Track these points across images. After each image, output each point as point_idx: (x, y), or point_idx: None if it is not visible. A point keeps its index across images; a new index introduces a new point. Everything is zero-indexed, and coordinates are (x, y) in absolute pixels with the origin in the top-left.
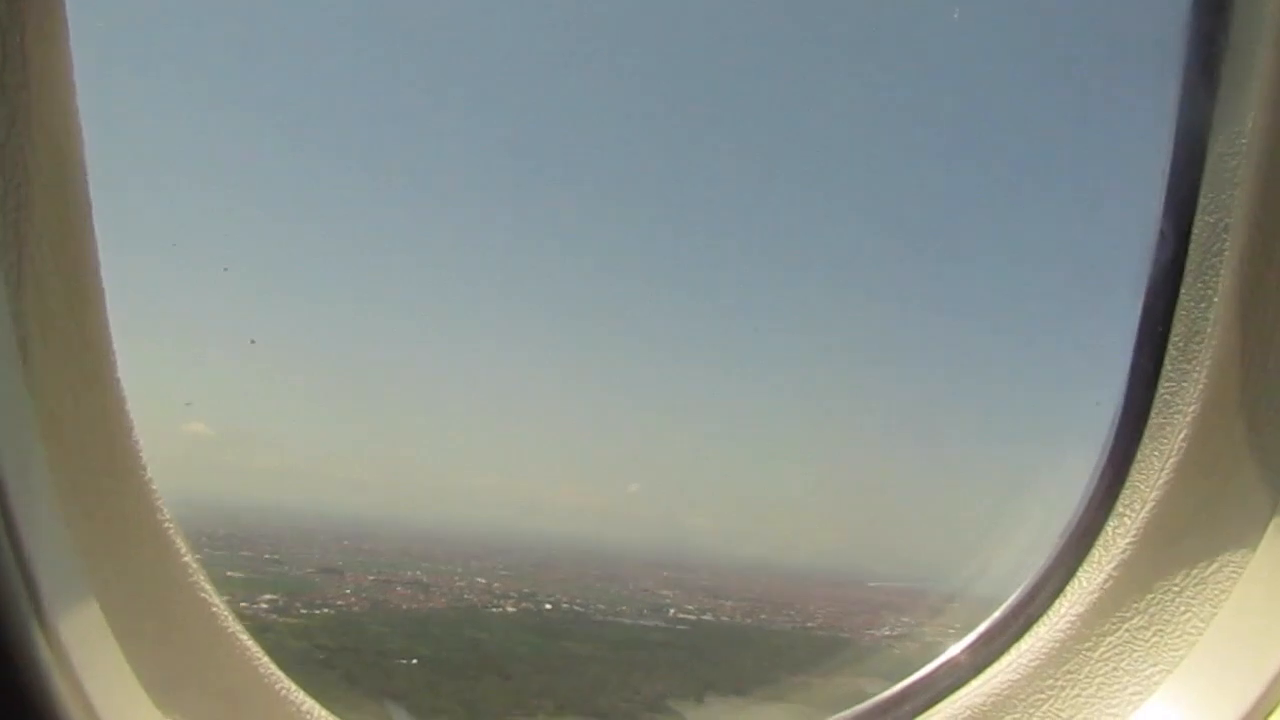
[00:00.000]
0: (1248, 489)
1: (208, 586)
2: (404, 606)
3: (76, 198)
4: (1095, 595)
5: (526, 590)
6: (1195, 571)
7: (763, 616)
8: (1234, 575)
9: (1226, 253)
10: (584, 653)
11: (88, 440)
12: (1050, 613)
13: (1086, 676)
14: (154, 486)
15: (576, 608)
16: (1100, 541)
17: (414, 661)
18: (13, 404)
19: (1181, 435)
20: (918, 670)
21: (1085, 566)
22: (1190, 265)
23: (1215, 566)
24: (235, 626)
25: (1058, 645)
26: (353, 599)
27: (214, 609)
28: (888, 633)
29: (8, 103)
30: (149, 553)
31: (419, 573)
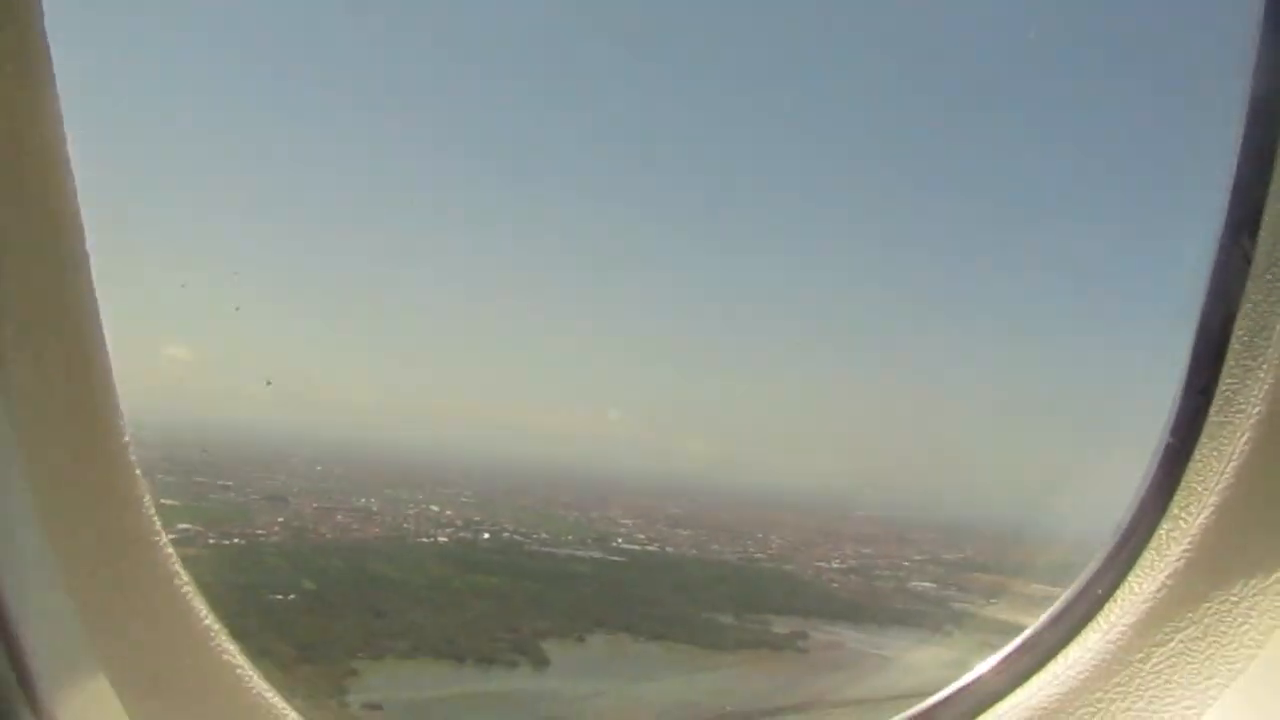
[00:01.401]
0: None
1: (197, 598)
2: (328, 536)
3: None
4: (1147, 603)
5: (476, 519)
6: (1255, 582)
7: (714, 548)
8: None
9: None
10: (487, 586)
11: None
12: (1099, 619)
13: (1137, 690)
14: (147, 501)
15: (517, 537)
16: (1153, 545)
17: (291, 597)
18: None
19: (1244, 437)
20: (954, 675)
21: (1136, 571)
22: (1259, 255)
23: (1276, 578)
24: (219, 634)
25: (1107, 656)
26: (275, 528)
27: (197, 612)
28: (836, 565)
29: None
30: (134, 558)
31: (371, 500)
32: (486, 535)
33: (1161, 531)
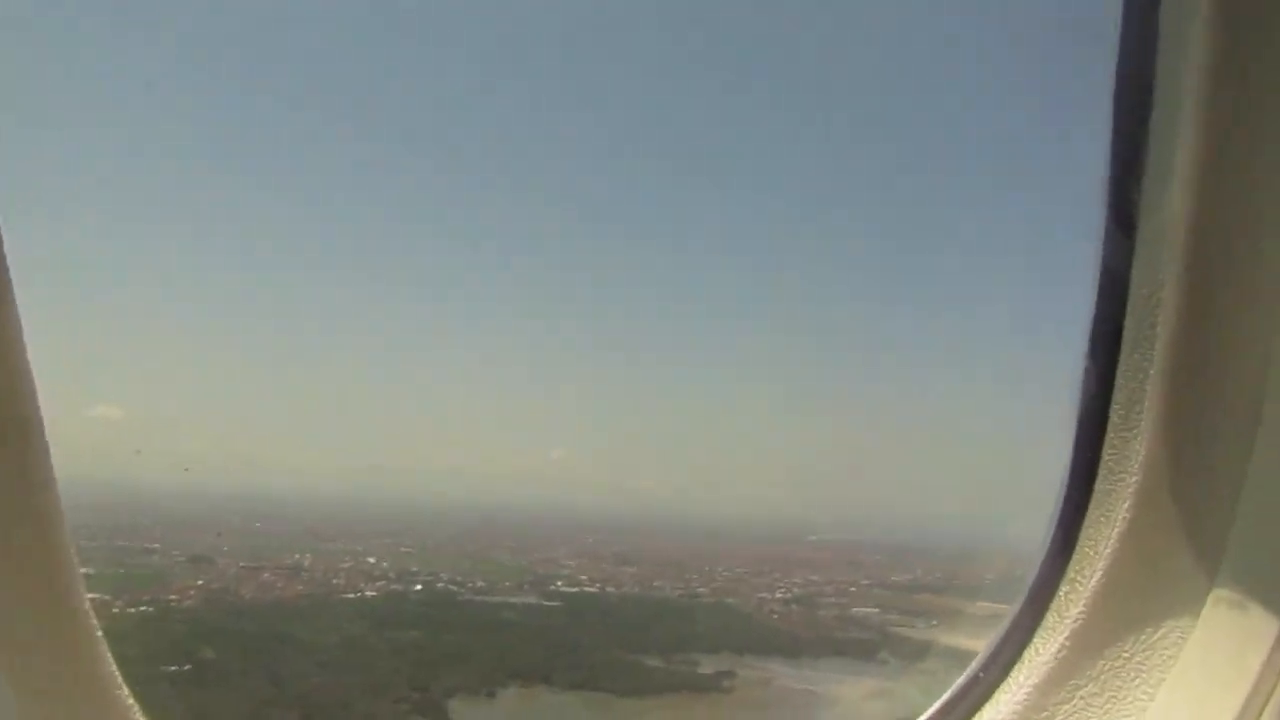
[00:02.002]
0: (1189, 557)
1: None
2: (247, 597)
3: None
4: (1050, 664)
5: (412, 570)
6: (1143, 638)
7: (657, 584)
8: (1179, 641)
9: (1160, 325)
10: (405, 642)
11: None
12: (1008, 682)
13: None
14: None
15: (451, 587)
16: (1054, 608)
17: (185, 667)
18: None
19: (1125, 504)
20: None
21: (1040, 634)
22: (1127, 335)
23: (1161, 633)
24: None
25: (1016, 718)
26: (192, 592)
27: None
28: (779, 595)
29: None
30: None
31: (305, 556)
32: (419, 587)
33: (1060, 594)
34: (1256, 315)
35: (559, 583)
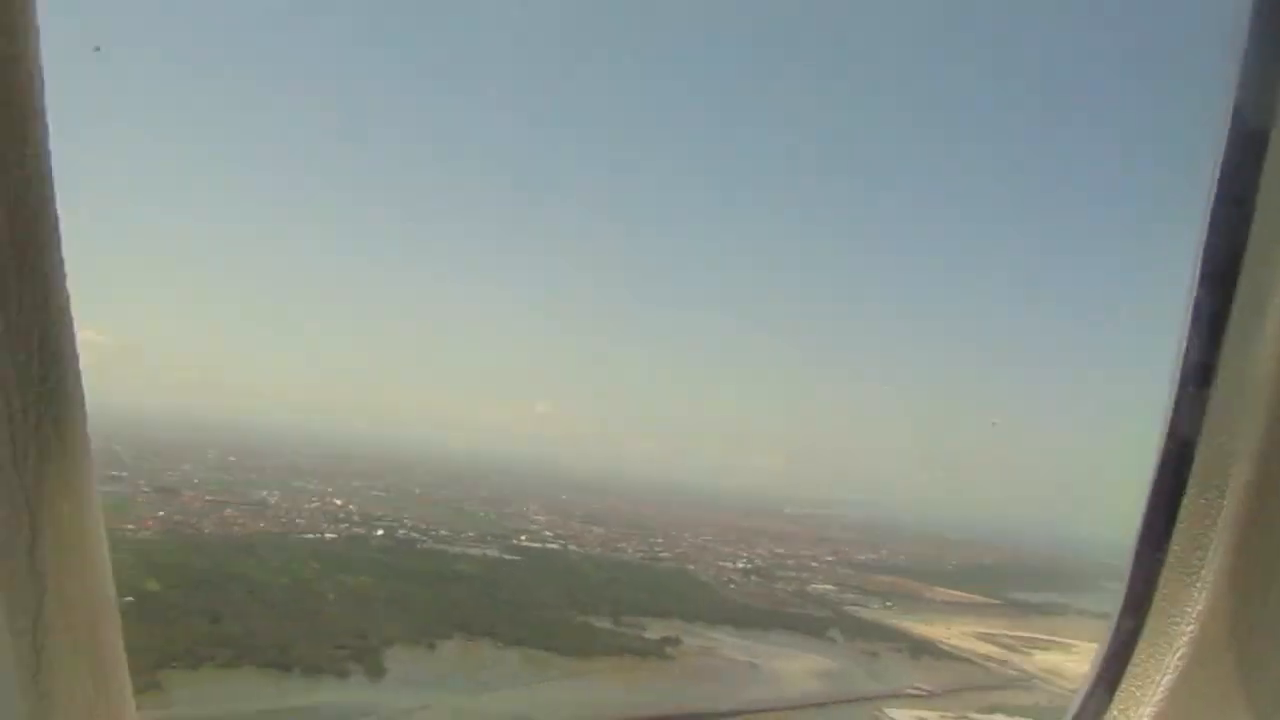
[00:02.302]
0: (1240, 716)
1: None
2: (206, 531)
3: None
4: None
5: (378, 515)
6: None
7: (620, 546)
8: None
9: (1231, 477)
10: (354, 587)
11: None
12: None
13: None
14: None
15: (413, 534)
16: None
17: (127, 599)
18: None
19: (1179, 653)
20: None
21: None
22: (1194, 480)
23: None
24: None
25: None
26: (151, 523)
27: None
28: (742, 565)
29: None
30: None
31: (273, 493)
32: (380, 532)
33: None
34: None
35: (523, 537)
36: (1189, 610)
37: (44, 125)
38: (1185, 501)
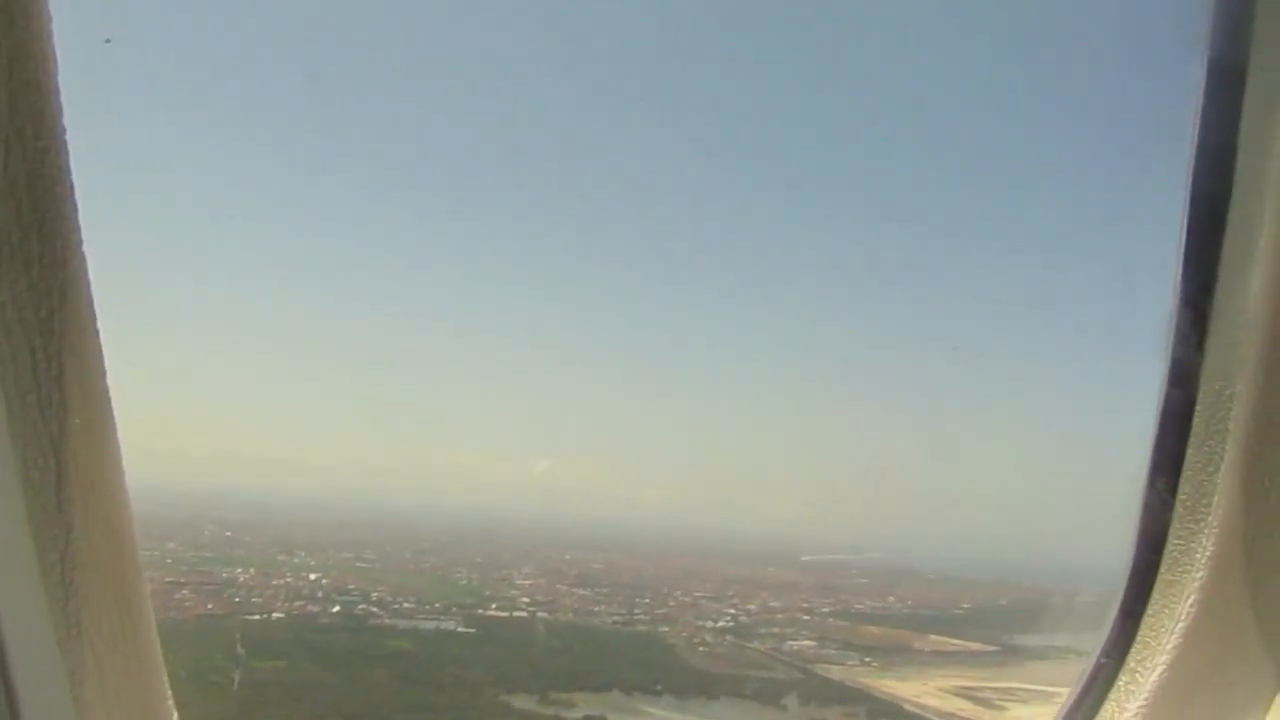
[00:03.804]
0: (1255, 660)
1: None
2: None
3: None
4: None
5: (347, 588)
6: None
7: (596, 610)
8: None
9: (1232, 420)
10: (255, 672)
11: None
12: None
13: None
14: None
15: (374, 609)
16: (1112, 697)
17: None
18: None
19: (1190, 599)
20: None
21: None
22: (1196, 427)
23: None
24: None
25: None
26: None
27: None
28: (721, 624)
29: None
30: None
31: (246, 571)
32: (336, 609)
33: (1120, 684)
34: None
35: (494, 606)
36: (1199, 557)
37: (57, 92)
38: (1189, 451)
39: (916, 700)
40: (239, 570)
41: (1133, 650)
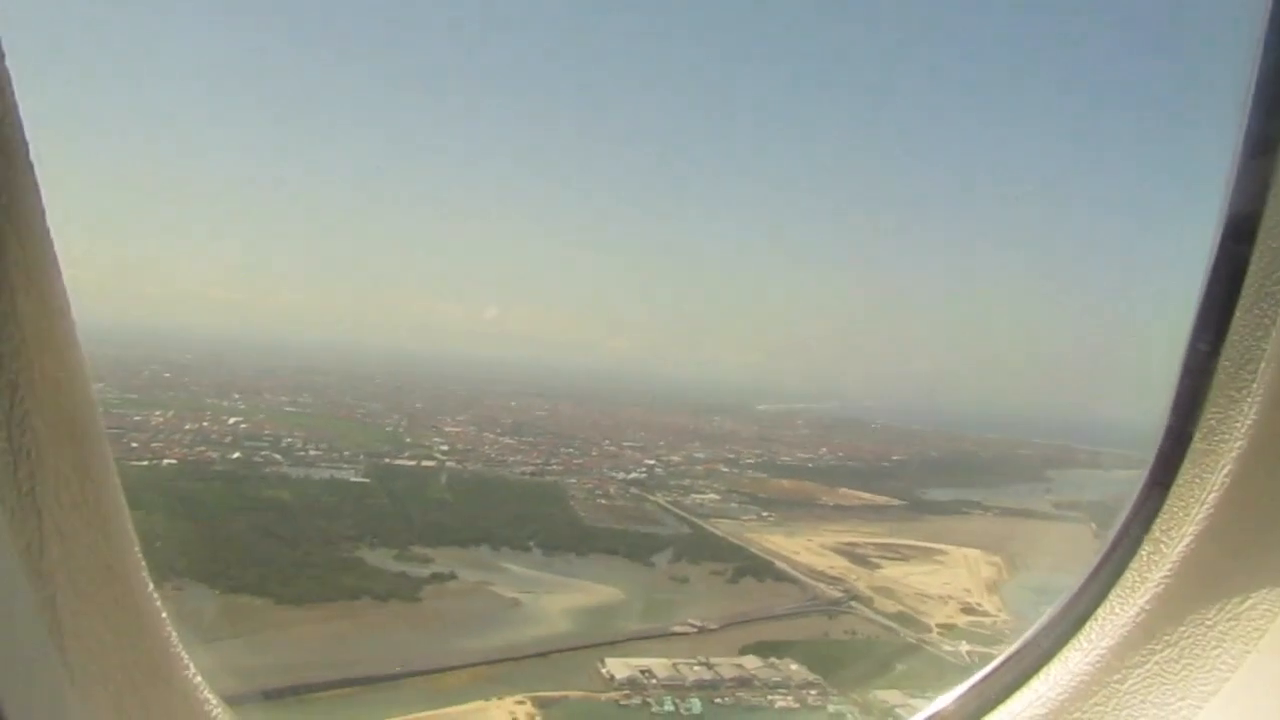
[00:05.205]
0: None
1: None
2: None
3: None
4: (1126, 626)
5: (261, 434)
6: (1230, 607)
7: (514, 458)
8: (1269, 614)
9: None
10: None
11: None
12: (1079, 639)
13: (1114, 710)
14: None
15: (275, 456)
16: (1134, 566)
17: None
18: None
19: (1226, 469)
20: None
21: (1117, 592)
22: (1247, 290)
23: (1250, 603)
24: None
25: (1087, 676)
26: None
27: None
28: (631, 475)
29: None
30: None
31: (165, 413)
32: (236, 455)
33: (1143, 554)
34: None
35: (406, 455)
36: (1238, 427)
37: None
38: (1236, 316)
39: (791, 557)
40: (156, 413)
41: (1158, 520)
